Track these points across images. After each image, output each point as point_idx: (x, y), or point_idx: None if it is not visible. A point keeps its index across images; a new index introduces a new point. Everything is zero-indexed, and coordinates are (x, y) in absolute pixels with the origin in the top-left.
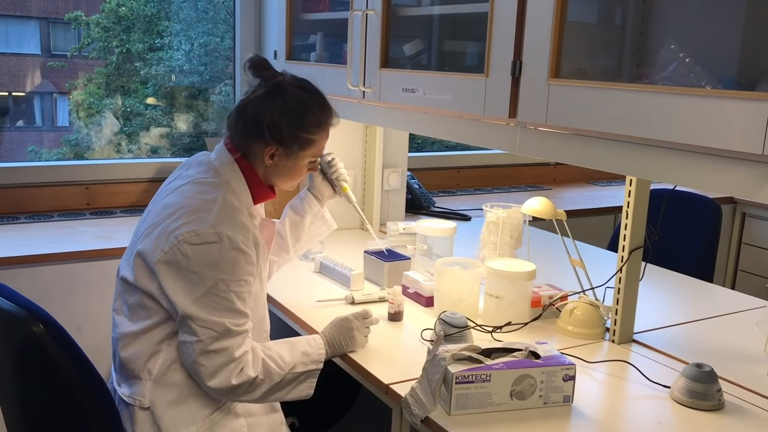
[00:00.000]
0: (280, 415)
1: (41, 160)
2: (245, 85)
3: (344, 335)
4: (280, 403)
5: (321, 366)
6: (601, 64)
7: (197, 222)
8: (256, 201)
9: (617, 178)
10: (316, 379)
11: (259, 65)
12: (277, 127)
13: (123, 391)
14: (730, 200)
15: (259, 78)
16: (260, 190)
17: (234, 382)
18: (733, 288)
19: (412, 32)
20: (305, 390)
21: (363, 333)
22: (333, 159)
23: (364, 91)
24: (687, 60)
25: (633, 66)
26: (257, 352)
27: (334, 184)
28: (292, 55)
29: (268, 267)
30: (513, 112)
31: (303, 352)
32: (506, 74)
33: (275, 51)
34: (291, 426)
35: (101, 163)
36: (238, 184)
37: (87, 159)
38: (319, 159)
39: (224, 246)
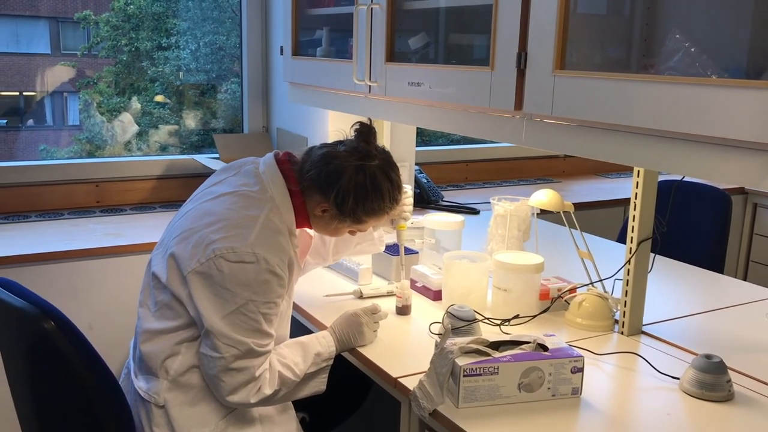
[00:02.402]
0: (294, 417)
1: (53, 159)
2: (254, 82)
3: (353, 330)
4: None
5: (331, 362)
6: (606, 54)
7: (236, 239)
8: (296, 226)
9: (626, 170)
10: (327, 374)
11: (364, 135)
12: (344, 197)
13: (140, 384)
14: (741, 191)
15: (357, 144)
16: (302, 219)
17: (252, 400)
18: (744, 279)
19: (417, 26)
20: (317, 386)
21: (372, 328)
22: (405, 192)
23: (370, 86)
24: (692, 49)
25: (639, 56)
26: (274, 367)
27: (392, 218)
28: (298, 50)
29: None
30: (519, 104)
31: (316, 354)
32: (512, 66)
33: (281, 47)
34: (302, 421)
35: (111, 161)
36: (283, 203)
37: (98, 157)
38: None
39: (260, 267)
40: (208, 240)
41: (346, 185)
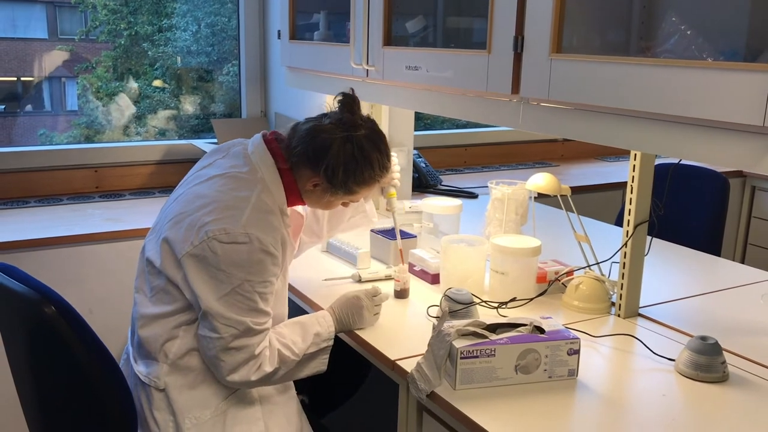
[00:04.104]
0: (294, 398)
1: (52, 144)
2: (252, 62)
3: (353, 312)
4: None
5: (332, 342)
6: (603, 38)
7: (229, 220)
8: (288, 204)
9: (625, 154)
10: (328, 355)
11: (348, 105)
12: (334, 170)
13: (139, 369)
14: (740, 174)
15: (342, 115)
16: (294, 197)
17: (252, 378)
18: (742, 262)
19: (414, 9)
20: (318, 366)
21: (372, 311)
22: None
23: (367, 70)
24: (688, 32)
25: (636, 39)
26: (273, 345)
27: (382, 186)
28: (295, 34)
29: (293, 256)
30: (516, 87)
31: (315, 334)
32: (508, 50)
33: (279, 31)
34: (301, 403)
35: (110, 146)
36: (273, 184)
37: (96, 142)
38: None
39: (253, 247)
40: (200, 222)
41: (334, 157)
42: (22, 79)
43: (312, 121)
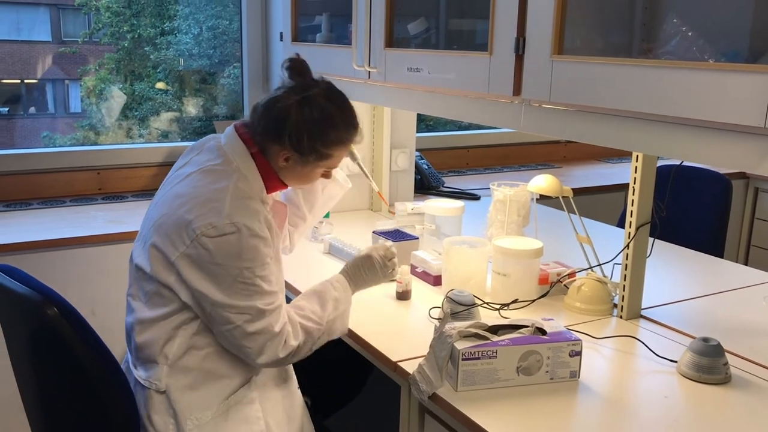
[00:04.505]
0: (295, 394)
1: (55, 146)
2: (254, 66)
3: (365, 270)
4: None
5: (350, 303)
6: (605, 39)
7: (212, 214)
8: (268, 191)
9: (628, 155)
10: (348, 315)
11: (296, 69)
12: (298, 136)
13: (139, 374)
14: (743, 175)
15: (294, 81)
16: (273, 182)
17: (281, 355)
18: (746, 264)
19: (416, 11)
20: (342, 328)
21: (386, 268)
22: None
23: (369, 72)
24: (689, 34)
25: (638, 41)
26: (294, 320)
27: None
28: (297, 36)
29: (282, 245)
30: (517, 89)
31: (334, 299)
32: (510, 51)
33: (281, 33)
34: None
35: (112, 149)
36: (249, 172)
37: (99, 144)
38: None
39: (243, 235)
40: (184, 221)
41: (294, 123)
42: (26, 81)
43: (268, 96)
